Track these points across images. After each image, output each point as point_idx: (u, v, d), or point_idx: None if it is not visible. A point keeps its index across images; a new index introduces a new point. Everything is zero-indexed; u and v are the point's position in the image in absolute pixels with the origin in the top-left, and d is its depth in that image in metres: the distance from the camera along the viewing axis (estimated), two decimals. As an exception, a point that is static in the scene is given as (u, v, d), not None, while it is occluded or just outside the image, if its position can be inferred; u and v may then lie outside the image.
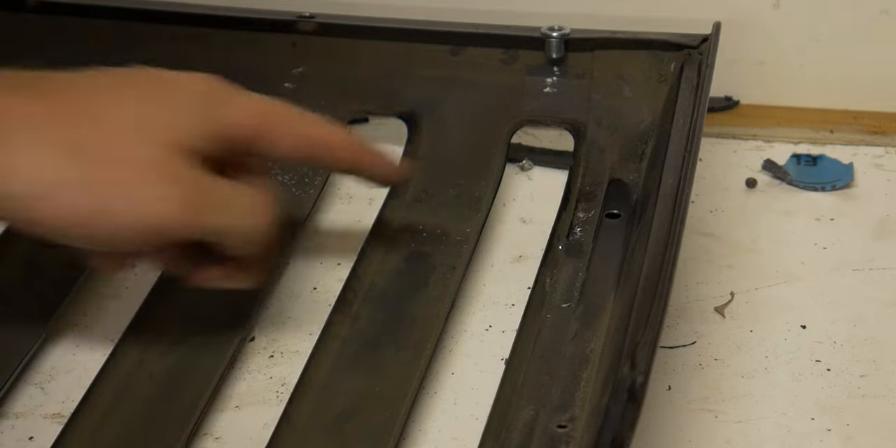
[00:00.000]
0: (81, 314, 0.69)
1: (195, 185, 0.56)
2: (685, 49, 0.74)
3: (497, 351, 0.66)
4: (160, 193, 0.54)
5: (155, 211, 0.54)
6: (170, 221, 0.55)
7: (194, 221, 0.55)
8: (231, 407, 0.64)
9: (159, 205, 0.54)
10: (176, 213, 0.55)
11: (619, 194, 0.73)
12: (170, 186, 0.54)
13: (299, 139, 0.60)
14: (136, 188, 0.54)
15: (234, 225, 0.58)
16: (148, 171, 0.54)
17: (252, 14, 0.80)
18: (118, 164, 0.54)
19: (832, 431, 0.63)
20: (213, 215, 0.56)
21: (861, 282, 0.71)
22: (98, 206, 0.53)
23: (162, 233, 0.55)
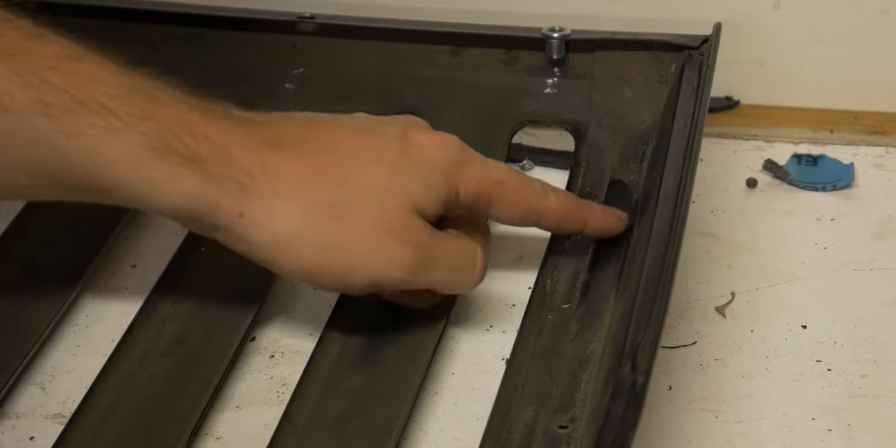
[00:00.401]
0: (82, 314, 0.69)
1: (422, 247, 0.61)
2: (686, 50, 0.74)
3: (498, 351, 0.66)
4: (390, 255, 0.60)
5: (383, 270, 0.60)
6: (392, 280, 0.60)
7: (414, 280, 0.61)
8: (232, 407, 0.64)
9: (387, 266, 0.60)
10: (400, 274, 0.60)
11: (620, 195, 0.73)
12: (400, 249, 0.60)
13: (517, 209, 0.65)
14: (370, 248, 0.60)
15: (449, 281, 0.64)
16: (383, 234, 0.60)
17: (252, 14, 0.79)
18: (356, 224, 0.60)
19: (833, 431, 0.63)
20: (433, 274, 0.62)
21: (862, 282, 0.71)
22: (332, 262, 0.60)
23: (382, 285, 0.61)
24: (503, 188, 0.64)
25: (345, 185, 0.60)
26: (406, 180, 0.61)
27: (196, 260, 0.70)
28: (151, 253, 0.73)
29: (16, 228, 0.72)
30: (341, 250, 0.60)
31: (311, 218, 0.59)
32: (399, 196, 0.60)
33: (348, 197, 0.60)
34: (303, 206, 0.59)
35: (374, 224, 0.60)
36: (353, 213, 0.60)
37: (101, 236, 0.71)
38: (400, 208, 0.60)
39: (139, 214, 0.75)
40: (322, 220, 0.59)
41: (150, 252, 0.73)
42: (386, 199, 0.60)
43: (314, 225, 0.59)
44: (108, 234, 0.72)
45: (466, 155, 0.64)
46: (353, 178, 0.60)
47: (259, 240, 0.59)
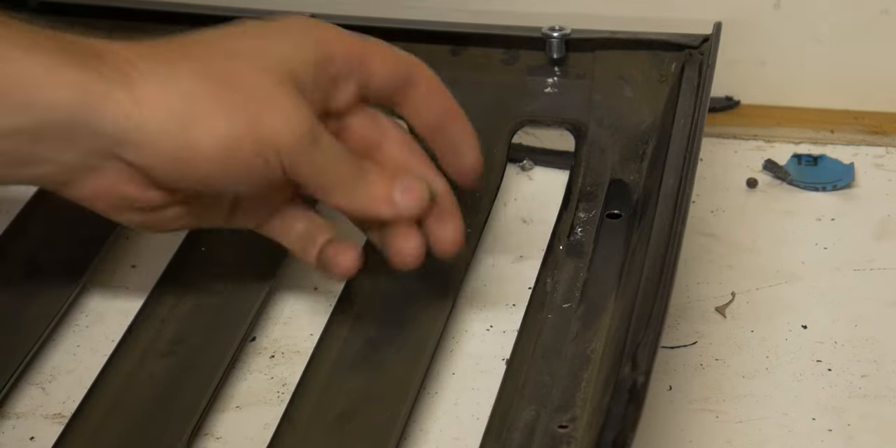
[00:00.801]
0: (82, 314, 0.69)
1: (312, 118, 0.58)
2: (686, 49, 0.74)
3: (498, 351, 0.66)
4: (288, 115, 0.57)
5: (282, 132, 0.56)
6: (284, 146, 0.57)
7: (305, 154, 0.57)
8: (232, 407, 0.64)
9: (285, 126, 0.56)
10: (291, 137, 0.57)
11: (620, 194, 0.73)
12: (297, 110, 0.57)
13: (397, 64, 0.62)
14: (272, 108, 0.56)
15: (339, 181, 0.59)
16: (280, 94, 0.57)
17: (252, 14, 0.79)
18: (250, 88, 0.57)
19: (833, 431, 0.63)
20: (322, 157, 0.58)
21: (862, 282, 0.71)
22: (244, 131, 0.56)
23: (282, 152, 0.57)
24: (378, 44, 0.62)
25: (223, 56, 0.58)
26: (281, 47, 0.59)
27: (196, 260, 0.70)
28: (151, 253, 0.73)
29: (16, 228, 0.72)
30: (245, 118, 0.56)
31: (206, 85, 0.56)
32: (273, 68, 0.58)
33: (231, 66, 0.57)
34: (192, 78, 0.56)
35: (269, 87, 0.57)
36: (244, 78, 0.57)
37: (101, 236, 0.71)
38: (279, 75, 0.58)
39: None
40: (217, 85, 0.56)
41: (150, 252, 0.73)
42: (268, 64, 0.58)
43: (212, 92, 0.56)
44: (108, 233, 0.72)
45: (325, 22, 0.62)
46: (229, 49, 0.58)
47: (166, 124, 0.55)
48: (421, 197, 0.61)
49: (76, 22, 0.80)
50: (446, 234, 0.63)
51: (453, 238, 0.63)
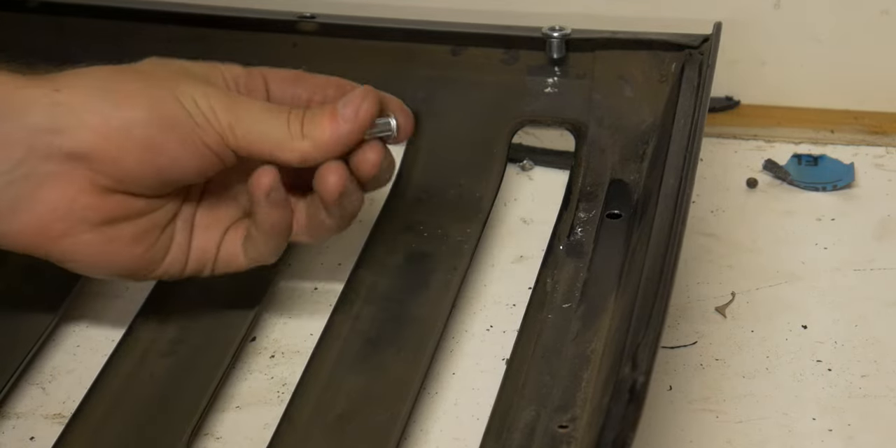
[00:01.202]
0: (82, 314, 0.69)
1: (226, 88, 0.61)
2: (686, 49, 0.74)
3: (498, 351, 0.66)
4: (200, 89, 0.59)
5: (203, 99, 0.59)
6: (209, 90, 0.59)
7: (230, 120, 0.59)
8: (232, 407, 0.64)
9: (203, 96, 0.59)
10: (210, 102, 0.59)
11: (620, 194, 0.73)
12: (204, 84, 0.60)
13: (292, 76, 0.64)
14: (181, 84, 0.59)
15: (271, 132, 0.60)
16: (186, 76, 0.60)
17: (253, 14, 0.79)
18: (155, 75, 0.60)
19: (833, 431, 0.63)
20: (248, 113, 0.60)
21: (862, 282, 0.71)
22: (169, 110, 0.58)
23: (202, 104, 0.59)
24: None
25: (130, 66, 0.61)
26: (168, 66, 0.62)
27: (196, 260, 0.70)
28: (152, 253, 0.73)
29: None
30: (159, 85, 0.59)
31: (118, 75, 0.59)
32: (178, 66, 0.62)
33: (137, 67, 0.61)
34: (105, 71, 0.60)
35: (169, 75, 0.60)
36: (151, 73, 0.60)
37: None
38: (184, 71, 0.61)
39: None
40: (128, 74, 0.60)
41: (151, 252, 0.73)
42: (168, 65, 0.62)
43: (122, 78, 0.59)
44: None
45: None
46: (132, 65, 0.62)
47: (89, 100, 0.58)
48: (363, 95, 0.61)
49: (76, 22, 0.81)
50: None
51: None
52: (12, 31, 0.82)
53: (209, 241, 0.64)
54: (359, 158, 0.61)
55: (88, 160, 0.58)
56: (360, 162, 0.61)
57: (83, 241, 0.60)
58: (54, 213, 0.59)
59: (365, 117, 0.60)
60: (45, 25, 0.81)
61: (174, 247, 0.63)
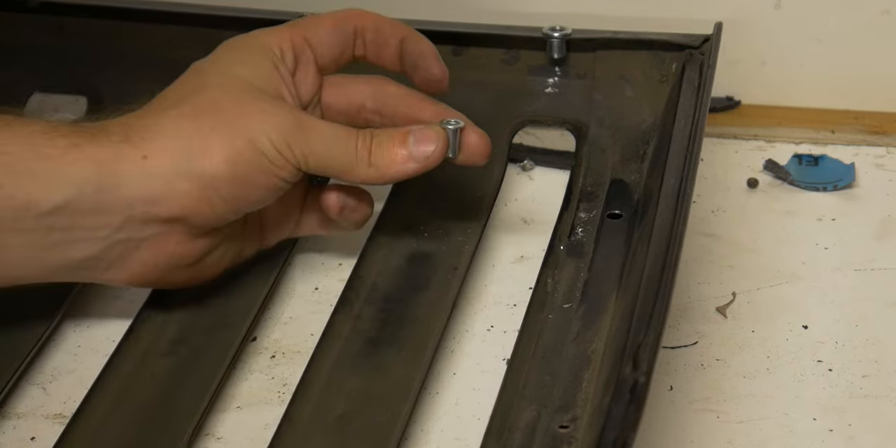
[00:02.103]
0: (83, 314, 0.69)
1: (294, 110, 0.64)
2: (687, 49, 0.74)
3: (499, 351, 0.66)
4: (270, 119, 0.62)
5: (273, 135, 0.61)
6: (278, 143, 0.61)
7: (298, 146, 0.62)
8: (233, 407, 0.64)
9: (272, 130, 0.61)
10: (280, 134, 0.61)
11: (621, 194, 0.73)
12: (277, 111, 0.62)
13: (335, 25, 0.67)
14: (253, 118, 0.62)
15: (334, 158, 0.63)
16: (257, 105, 0.62)
17: (252, 14, 0.79)
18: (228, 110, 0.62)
19: (834, 432, 0.63)
20: (313, 142, 0.62)
21: (863, 282, 0.71)
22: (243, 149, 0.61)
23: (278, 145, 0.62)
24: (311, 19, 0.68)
25: (190, 95, 0.63)
26: (233, 72, 0.64)
27: (197, 260, 0.70)
28: (152, 253, 0.73)
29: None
30: (236, 131, 0.61)
31: (192, 122, 0.61)
32: (243, 86, 0.63)
33: (201, 100, 0.62)
34: (178, 121, 0.61)
35: (238, 103, 0.62)
36: (217, 105, 0.62)
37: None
38: (252, 91, 0.63)
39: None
40: (200, 119, 0.61)
41: (151, 252, 0.73)
42: (231, 88, 0.63)
43: (199, 124, 0.61)
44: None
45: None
46: (192, 90, 0.63)
47: (176, 166, 0.60)
48: (436, 138, 0.65)
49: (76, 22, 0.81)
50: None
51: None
52: (12, 31, 0.82)
53: (282, 223, 0.68)
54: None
55: (182, 220, 0.61)
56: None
57: (178, 279, 0.65)
58: (153, 268, 0.63)
59: (434, 162, 0.65)
60: (45, 25, 0.81)
61: (248, 246, 0.67)
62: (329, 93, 0.68)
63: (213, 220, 0.62)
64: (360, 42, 0.68)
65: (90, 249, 0.61)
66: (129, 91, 0.69)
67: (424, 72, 0.69)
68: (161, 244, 0.62)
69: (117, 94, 0.76)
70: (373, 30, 0.68)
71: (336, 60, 0.68)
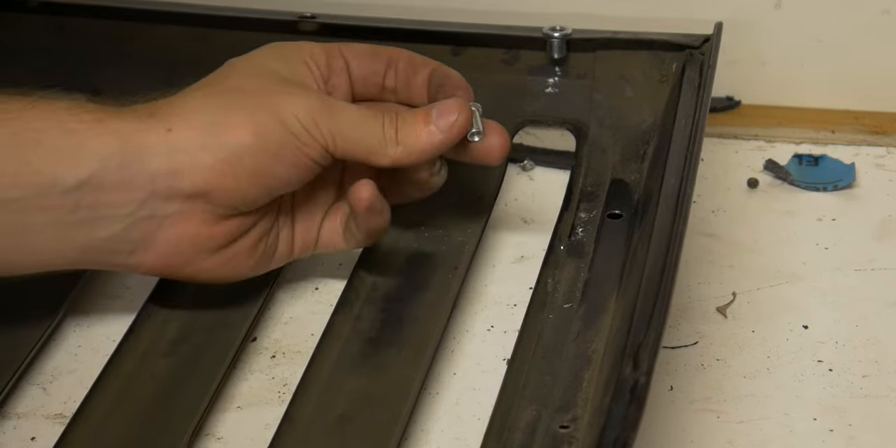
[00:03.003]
0: (83, 314, 0.69)
1: (320, 92, 0.64)
2: (687, 49, 0.74)
3: (499, 351, 0.66)
4: (297, 100, 0.62)
5: (299, 114, 0.62)
6: (305, 122, 0.62)
7: (324, 126, 0.62)
8: (233, 407, 0.64)
9: (299, 109, 0.62)
10: (308, 113, 0.62)
11: (621, 194, 0.73)
12: (303, 92, 0.63)
13: (371, 47, 0.68)
14: (280, 98, 0.62)
15: (363, 138, 0.63)
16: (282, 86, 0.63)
17: (253, 14, 0.80)
18: (256, 92, 0.63)
19: (834, 432, 0.63)
20: (340, 122, 0.63)
21: (863, 282, 0.71)
22: (269, 125, 0.61)
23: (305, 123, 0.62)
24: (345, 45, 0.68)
25: (220, 83, 0.64)
26: (262, 61, 0.65)
27: (197, 260, 0.70)
28: (152, 253, 0.73)
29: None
30: (261, 107, 0.61)
31: (218, 99, 0.62)
32: (273, 76, 0.64)
33: (230, 84, 0.63)
34: (203, 98, 0.62)
35: (267, 87, 0.63)
36: (244, 89, 0.63)
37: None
38: (280, 78, 0.64)
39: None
40: (226, 97, 0.62)
41: (151, 252, 0.73)
42: (263, 75, 0.64)
43: (225, 101, 0.62)
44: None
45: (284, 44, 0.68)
46: (222, 75, 0.64)
47: (200, 139, 0.60)
48: (456, 109, 0.64)
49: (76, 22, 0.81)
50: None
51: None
52: (12, 31, 0.82)
53: (309, 229, 0.67)
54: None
55: (207, 196, 0.61)
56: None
57: (205, 267, 0.64)
58: (177, 249, 0.63)
59: (459, 132, 0.64)
60: (45, 25, 0.81)
61: (281, 243, 0.66)
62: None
63: (239, 197, 0.62)
64: (392, 73, 0.68)
65: (115, 227, 0.61)
66: (129, 91, 0.68)
67: (448, 95, 0.68)
68: (185, 222, 0.62)
69: (117, 94, 0.76)
70: (405, 61, 0.68)
71: (365, 79, 0.67)
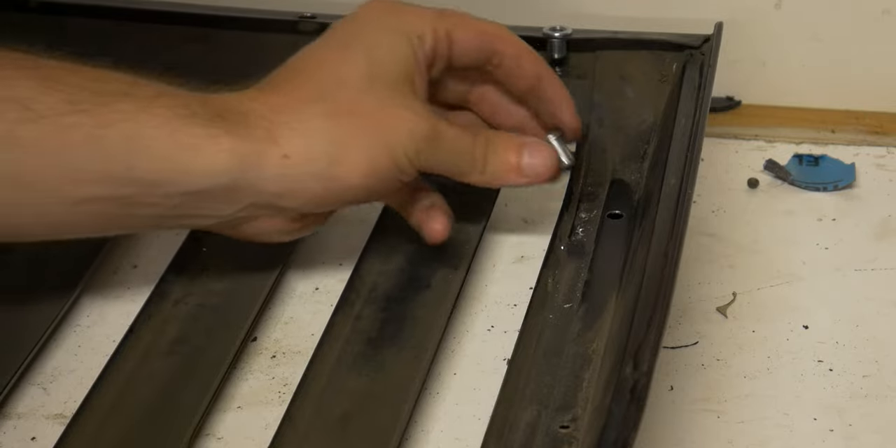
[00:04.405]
0: (84, 314, 0.69)
1: (428, 117, 0.63)
2: (687, 49, 0.74)
3: (499, 351, 0.66)
4: (408, 127, 0.62)
5: (407, 145, 0.62)
6: (411, 152, 0.62)
7: (428, 152, 0.63)
8: (233, 407, 0.64)
9: (409, 139, 0.62)
10: (414, 144, 0.62)
11: (621, 194, 0.73)
12: (414, 118, 0.63)
13: (480, 34, 0.67)
14: (392, 128, 0.62)
15: (456, 162, 0.65)
16: (395, 111, 0.62)
17: (253, 14, 0.79)
18: (370, 114, 0.62)
19: (835, 432, 0.63)
20: (441, 150, 0.64)
21: (863, 282, 0.71)
22: (378, 156, 0.62)
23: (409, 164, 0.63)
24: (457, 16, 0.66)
25: (334, 88, 0.62)
26: (376, 59, 0.63)
27: (198, 260, 0.70)
28: (153, 253, 0.73)
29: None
30: (376, 141, 0.62)
31: (336, 126, 0.61)
32: (382, 79, 0.63)
33: (345, 95, 0.62)
34: (323, 122, 0.61)
35: (381, 105, 0.62)
36: (360, 106, 0.62)
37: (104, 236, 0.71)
38: (390, 86, 0.63)
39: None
40: (344, 122, 0.61)
41: (152, 252, 0.73)
42: (374, 82, 0.63)
43: (343, 130, 0.61)
44: (110, 234, 0.72)
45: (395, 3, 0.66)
46: (336, 79, 0.63)
47: (314, 169, 0.61)
48: (548, 156, 0.67)
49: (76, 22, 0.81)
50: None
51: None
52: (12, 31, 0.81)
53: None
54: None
55: (297, 209, 0.63)
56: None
57: (276, 238, 0.66)
58: (258, 232, 0.64)
59: (545, 178, 0.67)
60: (45, 25, 0.81)
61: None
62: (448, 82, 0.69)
63: (328, 209, 0.65)
64: (496, 63, 0.68)
65: (208, 221, 0.62)
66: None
67: (555, 120, 0.69)
68: (269, 221, 0.63)
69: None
70: (512, 58, 0.68)
71: (464, 68, 0.67)
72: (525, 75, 0.68)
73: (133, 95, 0.59)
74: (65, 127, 0.57)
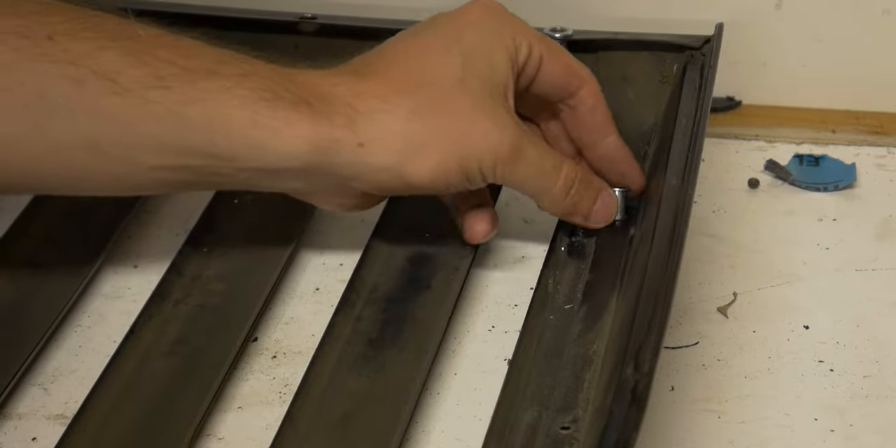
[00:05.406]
0: (84, 314, 0.69)
1: (516, 132, 0.63)
2: (688, 50, 0.74)
3: (500, 352, 0.66)
4: (492, 139, 0.63)
5: (487, 155, 0.63)
6: (488, 166, 0.63)
7: (508, 167, 0.64)
8: (234, 407, 0.64)
9: (489, 151, 0.63)
10: (493, 159, 0.63)
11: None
12: (500, 132, 0.63)
13: (567, 67, 0.68)
14: (475, 135, 0.62)
15: (535, 182, 0.66)
16: (481, 118, 0.63)
17: (254, 15, 0.79)
18: (454, 115, 0.62)
19: (835, 432, 0.63)
20: (521, 167, 0.64)
21: (864, 282, 0.71)
22: (451, 157, 0.62)
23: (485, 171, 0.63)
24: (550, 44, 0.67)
25: (425, 84, 0.63)
26: (473, 62, 0.64)
27: (198, 260, 0.70)
28: (154, 253, 0.73)
29: (19, 227, 0.72)
30: (453, 148, 0.62)
31: (417, 123, 0.62)
32: (475, 83, 0.63)
33: (434, 94, 0.62)
34: (406, 116, 0.62)
35: (469, 111, 0.62)
36: (447, 107, 0.62)
37: (104, 237, 0.71)
38: (482, 92, 0.63)
39: (141, 213, 0.75)
40: (426, 121, 0.62)
41: (152, 252, 0.73)
42: (466, 85, 0.63)
43: (423, 129, 0.62)
44: (111, 234, 0.72)
45: (501, 9, 0.67)
46: (429, 75, 0.63)
47: (385, 162, 0.61)
48: (611, 213, 0.69)
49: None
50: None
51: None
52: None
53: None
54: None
55: (363, 191, 0.65)
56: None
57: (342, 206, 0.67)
58: (321, 201, 0.66)
59: (600, 226, 0.69)
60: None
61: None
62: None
63: (392, 195, 0.67)
64: (572, 105, 0.69)
65: (271, 190, 0.64)
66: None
67: (625, 179, 0.70)
68: (330, 196, 0.65)
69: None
70: (589, 107, 0.69)
71: (537, 96, 0.68)
72: (594, 129, 0.69)
73: (219, 74, 0.60)
74: (148, 101, 0.58)
